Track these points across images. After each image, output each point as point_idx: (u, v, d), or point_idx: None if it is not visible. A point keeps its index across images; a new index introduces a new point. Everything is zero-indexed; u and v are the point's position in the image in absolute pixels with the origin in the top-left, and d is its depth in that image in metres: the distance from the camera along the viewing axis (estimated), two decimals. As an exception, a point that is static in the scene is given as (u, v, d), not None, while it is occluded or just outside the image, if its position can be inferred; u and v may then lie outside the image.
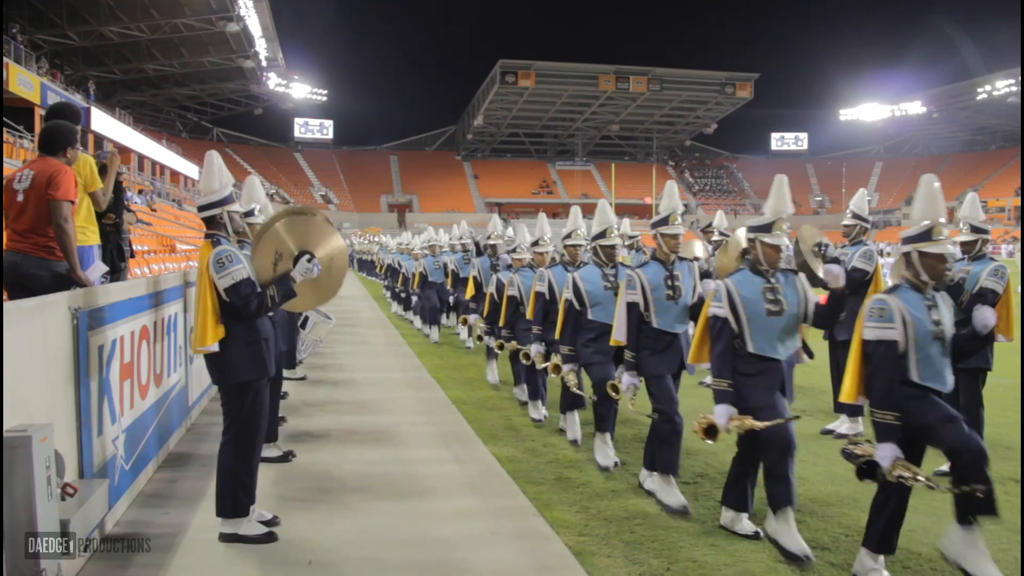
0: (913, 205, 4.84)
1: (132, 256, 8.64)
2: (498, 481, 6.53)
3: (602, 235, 6.95)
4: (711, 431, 5.03)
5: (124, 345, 5.72)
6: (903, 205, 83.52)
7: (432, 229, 18.31)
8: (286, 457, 6.94)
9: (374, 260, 37.25)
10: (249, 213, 6.66)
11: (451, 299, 15.35)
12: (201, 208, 5.32)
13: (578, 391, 7.10)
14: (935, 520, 5.40)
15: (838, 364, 7.80)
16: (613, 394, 6.45)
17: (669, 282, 6.12)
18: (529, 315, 8.13)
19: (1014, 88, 73.23)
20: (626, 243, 12.62)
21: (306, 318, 8.10)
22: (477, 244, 13.91)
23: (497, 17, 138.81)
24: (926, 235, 4.55)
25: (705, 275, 8.85)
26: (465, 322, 12.90)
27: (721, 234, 10.59)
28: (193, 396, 8.28)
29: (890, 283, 4.82)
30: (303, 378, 10.84)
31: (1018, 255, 56.14)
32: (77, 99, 37.95)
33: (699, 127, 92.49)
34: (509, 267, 9.79)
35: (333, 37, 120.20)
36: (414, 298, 17.83)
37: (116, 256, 7.64)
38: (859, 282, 7.85)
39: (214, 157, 5.39)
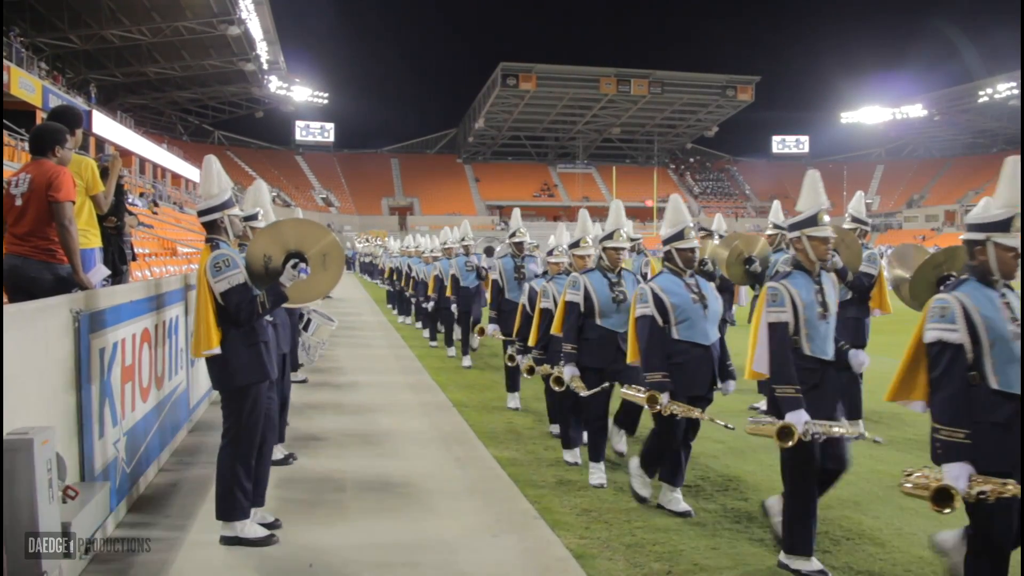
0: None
1: (133, 259, 8.64)
2: (499, 484, 6.53)
3: (609, 237, 6.69)
4: (785, 433, 4.55)
5: (125, 348, 5.72)
6: (904, 208, 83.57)
7: (448, 229, 16.58)
8: (287, 460, 6.94)
9: (377, 263, 37.16)
10: (252, 217, 6.66)
11: (453, 308, 13.49)
12: (201, 212, 5.34)
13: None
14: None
15: None
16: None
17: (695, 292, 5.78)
18: (556, 329, 6.89)
19: (1015, 91, 73.21)
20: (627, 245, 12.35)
21: (308, 320, 8.09)
22: (490, 249, 13.25)
23: (498, 20, 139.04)
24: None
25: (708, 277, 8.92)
26: (482, 332, 10.84)
27: (720, 237, 10.71)
28: (194, 399, 8.28)
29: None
30: (304, 381, 10.85)
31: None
32: (78, 102, 37.98)
33: (700, 130, 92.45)
34: (545, 273, 8.35)
35: (334, 40, 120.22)
36: (426, 305, 15.79)
37: (117, 259, 7.64)
38: (867, 287, 7.95)
39: (212, 162, 5.41)
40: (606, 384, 6.50)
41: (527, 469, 6.91)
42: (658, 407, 5.45)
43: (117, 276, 7.55)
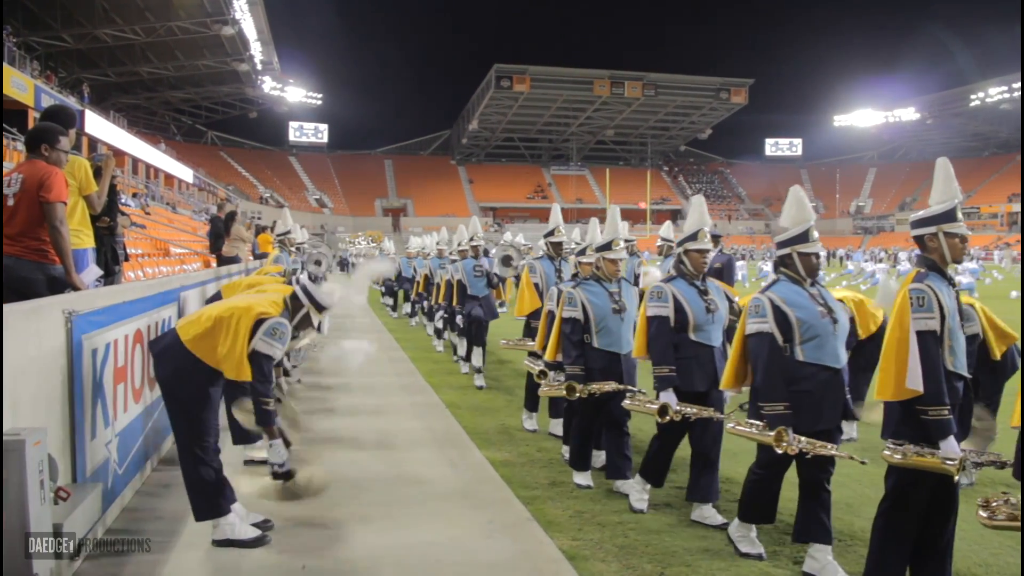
0: (784, 212, 5.04)
1: (126, 259, 8.63)
2: (492, 485, 6.53)
3: (607, 247, 6.38)
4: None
5: (118, 349, 5.71)
6: (896, 211, 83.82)
7: (463, 228, 13.91)
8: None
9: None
10: (285, 233, 6.79)
11: (460, 316, 11.73)
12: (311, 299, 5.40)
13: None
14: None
15: None
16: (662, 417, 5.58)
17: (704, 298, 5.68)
18: (550, 355, 6.55)
19: (1006, 95, 73.54)
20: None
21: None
22: (507, 259, 11.29)
23: (492, 22, 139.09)
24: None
25: (717, 274, 8.89)
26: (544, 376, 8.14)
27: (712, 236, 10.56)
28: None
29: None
30: (298, 382, 10.83)
31: (1008, 260, 56.33)
32: (71, 102, 37.84)
33: (694, 132, 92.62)
34: (574, 276, 7.41)
35: (328, 41, 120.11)
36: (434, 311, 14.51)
37: (110, 259, 7.63)
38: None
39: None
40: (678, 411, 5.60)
41: (520, 471, 6.91)
42: (784, 445, 4.57)
43: (109, 277, 7.53)
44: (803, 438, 4.60)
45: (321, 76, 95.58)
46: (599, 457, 6.91)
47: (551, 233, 8.96)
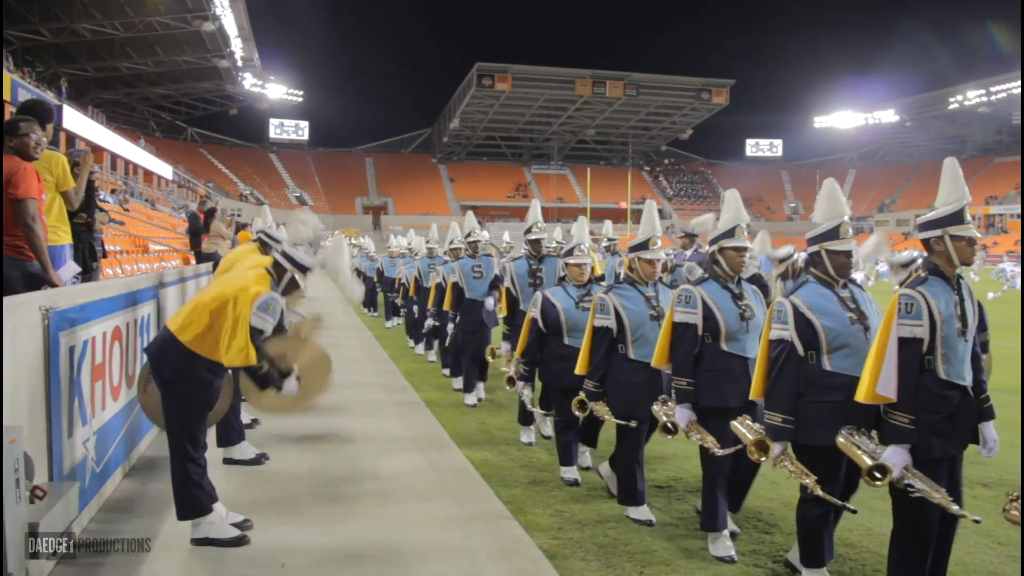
0: (815, 207, 4.75)
1: (104, 256, 8.57)
2: (472, 485, 6.52)
3: (644, 246, 5.81)
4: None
5: (96, 346, 5.66)
6: (875, 212, 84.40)
7: (455, 225, 12.29)
8: (259, 460, 6.90)
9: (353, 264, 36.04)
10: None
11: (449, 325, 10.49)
12: (286, 255, 5.35)
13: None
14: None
15: None
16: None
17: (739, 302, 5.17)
18: (660, 360, 5.35)
19: (984, 98, 74.20)
20: (604, 245, 11.94)
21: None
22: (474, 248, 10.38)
23: (474, 20, 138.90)
24: (833, 233, 4.56)
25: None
26: (493, 354, 8.62)
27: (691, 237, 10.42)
28: (165, 398, 8.20)
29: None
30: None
31: (980, 261, 56.73)
32: (49, 96, 37.56)
33: (675, 132, 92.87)
34: (563, 279, 6.86)
35: (309, 38, 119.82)
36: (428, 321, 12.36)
37: (88, 256, 7.57)
38: None
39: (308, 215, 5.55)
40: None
41: (500, 469, 6.90)
42: (763, 457, 4.39)
43: (87, 273, 7.47)
44: (789, 456, 4.41)
45: (302, 73, 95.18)
46: (583, 456, 6.90)
47: (529, 231, 8.44)
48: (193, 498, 5.01)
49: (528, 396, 7.00)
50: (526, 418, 7.79)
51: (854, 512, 4.36)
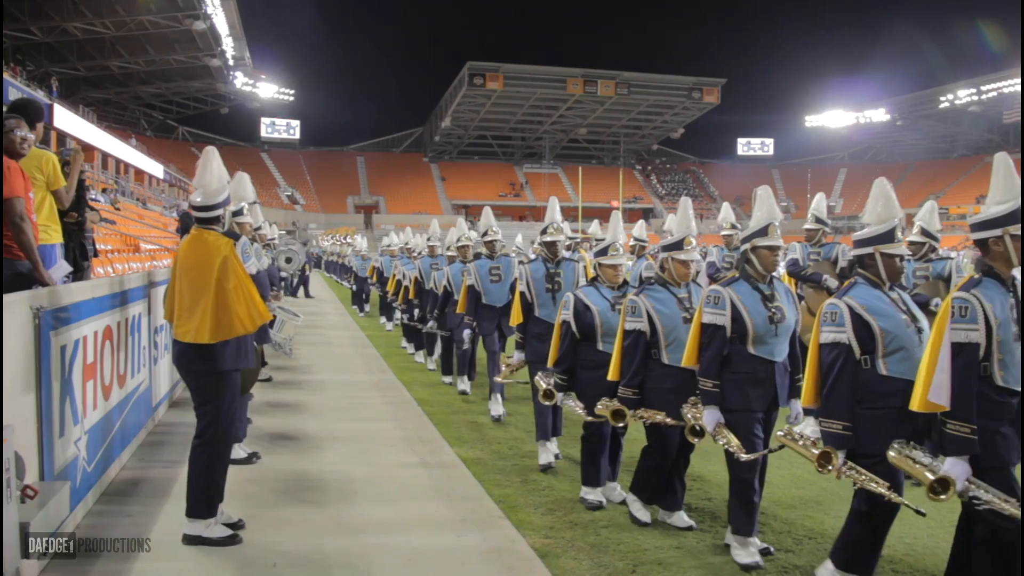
0: (866, 208, 4.57)
1: (95, 255, 8.54)
2: (464, 483, 6.53)
3: (678, 246, 5.59)
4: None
5: (87, 345, 5.66)
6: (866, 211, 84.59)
7: (462, 221, 11.61)
8: (250, 459, 6.89)
9: (346, 263, 34.10)
10: (237, 212, 6.62)
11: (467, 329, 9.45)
12: (207, 207, 5.26)
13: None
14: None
15: None
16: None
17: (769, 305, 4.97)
18: (690, 360, 5.17)
19: (975, 97, 74.41)
20: (630, 244, 11.02)
21: (273, 317, 8.03)
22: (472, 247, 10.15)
23: (466, 19, 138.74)
24: (888, 235, 4.41)
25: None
26: (511, 368, 7.52)
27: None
28: (156, 397, 8.19)
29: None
30: (269, 379, 10.77)
31: (968, 260, 56.94)
32: (39, 95, 37.41)
33: (666, 131, 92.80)
34: (593, 280, 6.41)
35: (301, 37, 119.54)
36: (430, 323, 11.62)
37: (79, 255, 7.54)
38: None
39: (214, 155, 5.38)
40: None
41: (492, 468, 6.91)
42: (829, 469, 4.14)
43: (78, 272, 7.45)
44: (854, 466, 4.15)
45: (294, 72, 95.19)
46: (614, 491, 6.24)
47: (544, 231, 7.62)
48: (212, 500, 5.04)
49: (573, 405, 6.02)
50: (545, 433, 7.10)
51: (923, 515, 4.06)
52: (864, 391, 4.23)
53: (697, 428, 4.95)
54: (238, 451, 6.87)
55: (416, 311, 13.25)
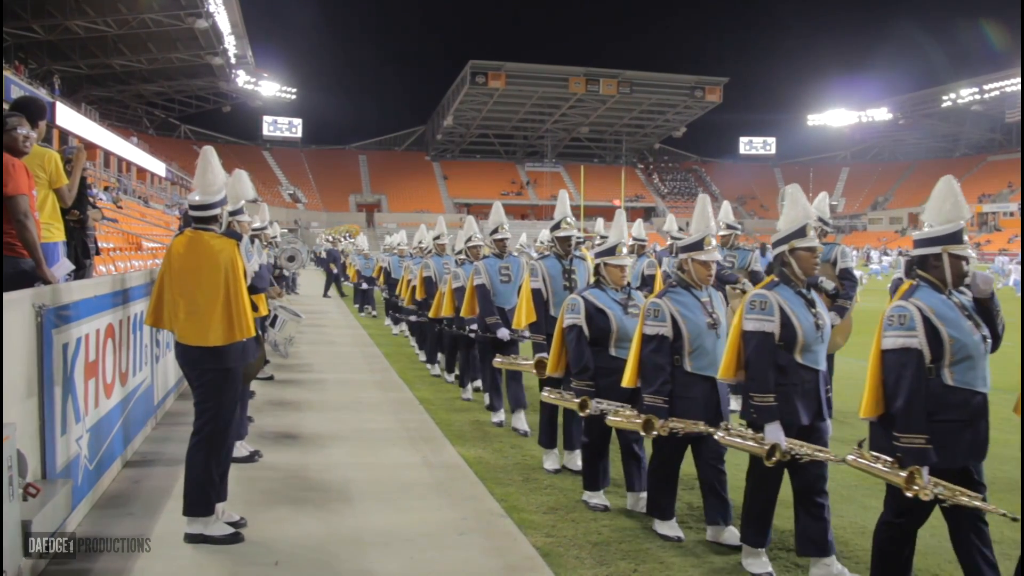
0: (930, 206, 4.31)
1: (97, 253, 8.53)
2: (466, 482, 6.52)
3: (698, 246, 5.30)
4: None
5: (89, 343, 5.66)
6: (868, 210, 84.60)
7: (472, 219, 11.46)
8: (252, 457, 6.89)
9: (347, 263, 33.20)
10: (237, 212, 6.61)
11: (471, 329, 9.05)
12: (205, 206, 5.25)
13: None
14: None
15: None
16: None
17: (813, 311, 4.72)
18: (727, 372, 4.83)
19: (977, 96, 74.38)
20: (595, 243, 11.45)
21: (275, 316, 8.04)
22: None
23: (468, 17, 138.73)
24: (957, 236, 4.18)
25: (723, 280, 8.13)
26: (541, 366, 6.74)
27: (673, 238, 10.30)
28: (158, 395, 8.19)
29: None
30: (271, 378, 10.77)
31: (978, 260, 56.97)
32: (42, 93, 37.42)
33: (668, 130, 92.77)
34: (597, 282, 6.05)
35: (303, 35, 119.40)
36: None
37: (81, 253, 7.54)
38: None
39: (212, 154, 5.38)
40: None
41: (494, 467, 6.90)
42: (916, 489, 3.81)
43: (80, 271, 7.45)
44: (941, 482, 3.84)
45: (296, 70, 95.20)
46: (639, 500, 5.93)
47: (557, 226, 7.39)
48: (208, 497, 5.04)
49: (610, 406, 5.57)
50: (551, 440, 6.86)
51: (1016, 520, 3.80)
52: (928, 402, 3.94)
53: (771, 450, 4.49)
54: (240, 449, 6.87)
55: (423, 313, 12.15)
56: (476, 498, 6.12)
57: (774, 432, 4.49)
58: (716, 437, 4.86)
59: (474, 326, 8.88)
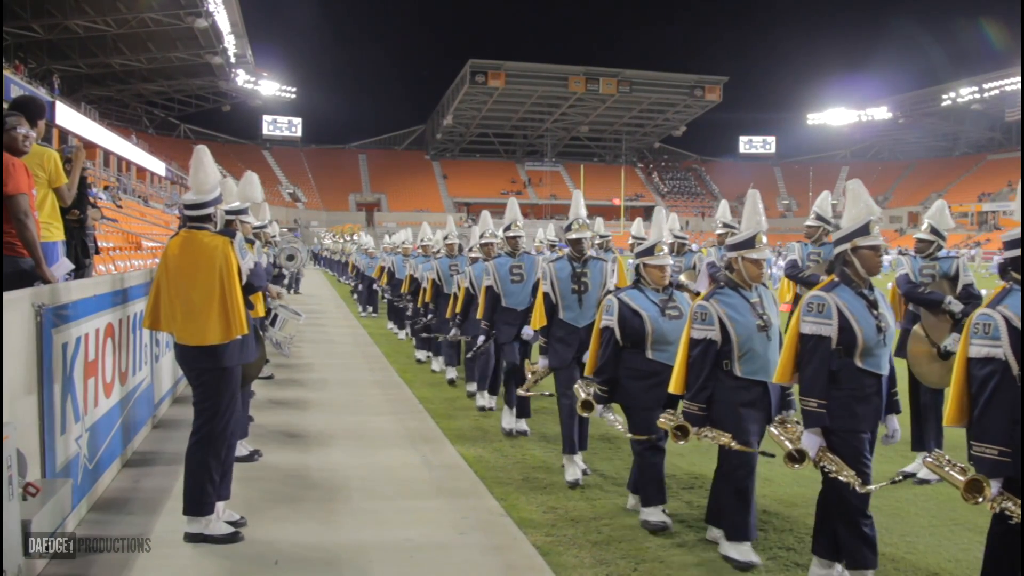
0: (846, 207, 4.47)
1: (97, 252, 8.53)
2: (466, 481, 6.52)
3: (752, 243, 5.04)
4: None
5: (89, 343, 5.66)
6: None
7: (486, 215, 10.54)
8: (252, 456, 6.90)
9: (347, 261, 31.70)
10: (242, 211, 6.61)
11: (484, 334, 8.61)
12: (199, 205, 5.23)
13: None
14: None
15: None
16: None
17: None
18: (783, 376, 4.62)
19: (977, 95, 74.43)
20: (596, 243, 11.31)
21: (275, 315, 8.02)
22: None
23: (468, 17, 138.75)
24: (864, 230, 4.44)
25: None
26: (535, 377, 6.99)
27: (676, 237, 10.20)
28: (158, 395, 8.18)
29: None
30: (271, 377, 10.77)
31: (980, 259, 56.96)
32: (41, 93, 37.39)
33: (668, 129, 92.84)
34: (636, 283, 5.81)
35: (303, 34, 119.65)
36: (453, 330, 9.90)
37: (80, 252, 7.54)
38: None
39: (205, 153, 5.37)
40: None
41: (494, 467, 6.90)
42: (977, 498, 3.51)
43: (80, 270, 7.45)
44: (1009, 496, 3.52)
45: (295, 70, 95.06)
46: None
47: (568, 228, 7.06)
48: (207, 496, 5.04)
49: (614, 420, 5.58)
50: (572, 446, 6.61)
51: None
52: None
53: (795, 453, 4.35)
54: (240, 448, 6.86)
55: (431, 316, 11.85)
56: (476, 497, 6.12)
57: (811, 439, 4.36)
58: (771, 432, 4.76)
59: (481, 337, 8.67)
